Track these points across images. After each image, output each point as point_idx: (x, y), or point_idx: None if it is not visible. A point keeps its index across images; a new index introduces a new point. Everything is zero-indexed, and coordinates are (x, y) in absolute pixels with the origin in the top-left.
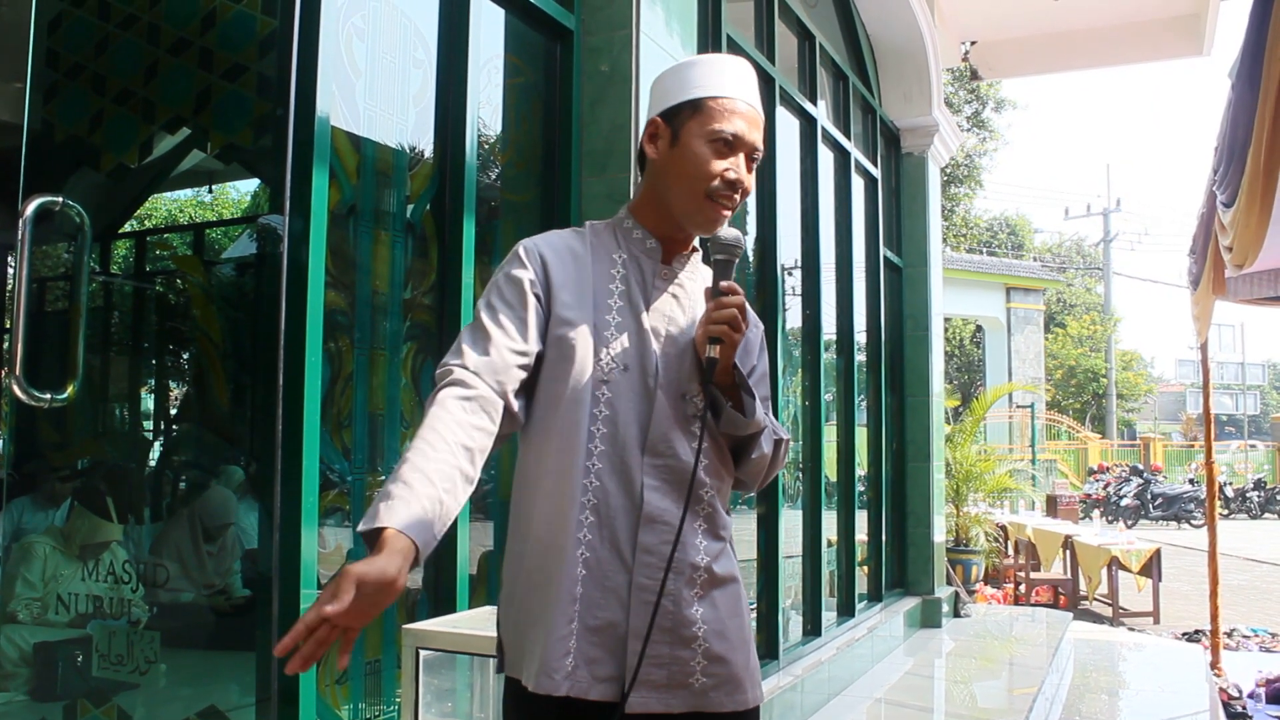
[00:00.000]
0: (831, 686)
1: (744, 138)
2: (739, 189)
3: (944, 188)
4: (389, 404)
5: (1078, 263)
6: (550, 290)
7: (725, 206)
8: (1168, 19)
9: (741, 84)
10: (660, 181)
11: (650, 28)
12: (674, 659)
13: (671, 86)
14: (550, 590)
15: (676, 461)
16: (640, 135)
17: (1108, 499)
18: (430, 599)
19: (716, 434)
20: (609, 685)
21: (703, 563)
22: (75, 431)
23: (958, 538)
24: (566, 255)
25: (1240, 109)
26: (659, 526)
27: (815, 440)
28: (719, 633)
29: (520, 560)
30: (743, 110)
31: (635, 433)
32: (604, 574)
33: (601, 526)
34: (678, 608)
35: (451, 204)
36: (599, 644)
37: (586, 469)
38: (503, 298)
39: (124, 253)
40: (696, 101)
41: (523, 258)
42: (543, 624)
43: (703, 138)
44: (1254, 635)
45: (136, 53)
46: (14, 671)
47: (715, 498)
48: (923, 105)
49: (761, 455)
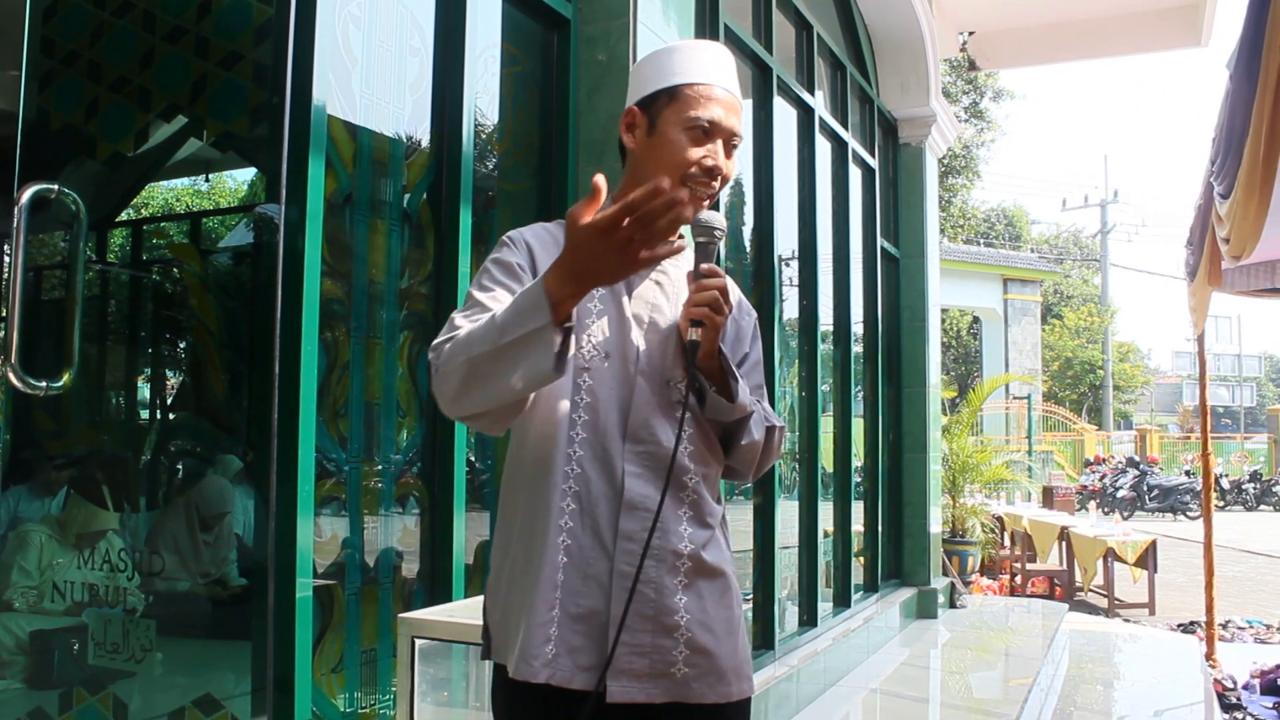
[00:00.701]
0: (827, 677)
1: (721, 124)
2: (717, 175)
3: (941, 178)
4: (385, 393)
5: (1075, 254)
6: (536, 275)
7: (703, 194)
8: (1166, 9)
9: (718, 70)
10: (639, 170)
11: (647, 17)
12: (655, 648)
13: (648, 75)
14: (531, 578)
15: (658, 448)
16: (619, 126)
17: (1104, 490)
18: (426, 588)
19: (702, 420)
20: (592, 674)
21: (686, 550)
22: (71, 420)
23: (954, 529)
24: (550, 244)
25: (1238, 100)
26: (640, 513)
27: (812, 431)
28: (703, 623)
29: (505, 548)
30: (720, 96)
31: (616, 419)
32: (585, 561)
33: (583, 514)
34: (660, 596)
35: (448, 193)
36: (582, 632)
37: (568, 456)
38: (494, 278)
39: (120, 241)
40: (673, 89)
41: (509, 244)
42: (524, 611)
43: (679, 125)
44: (1249, 627)
45: (132, 40)
46: (10, 659)
47: (701, 485)
48: (920, 96)
49: (752, 442)
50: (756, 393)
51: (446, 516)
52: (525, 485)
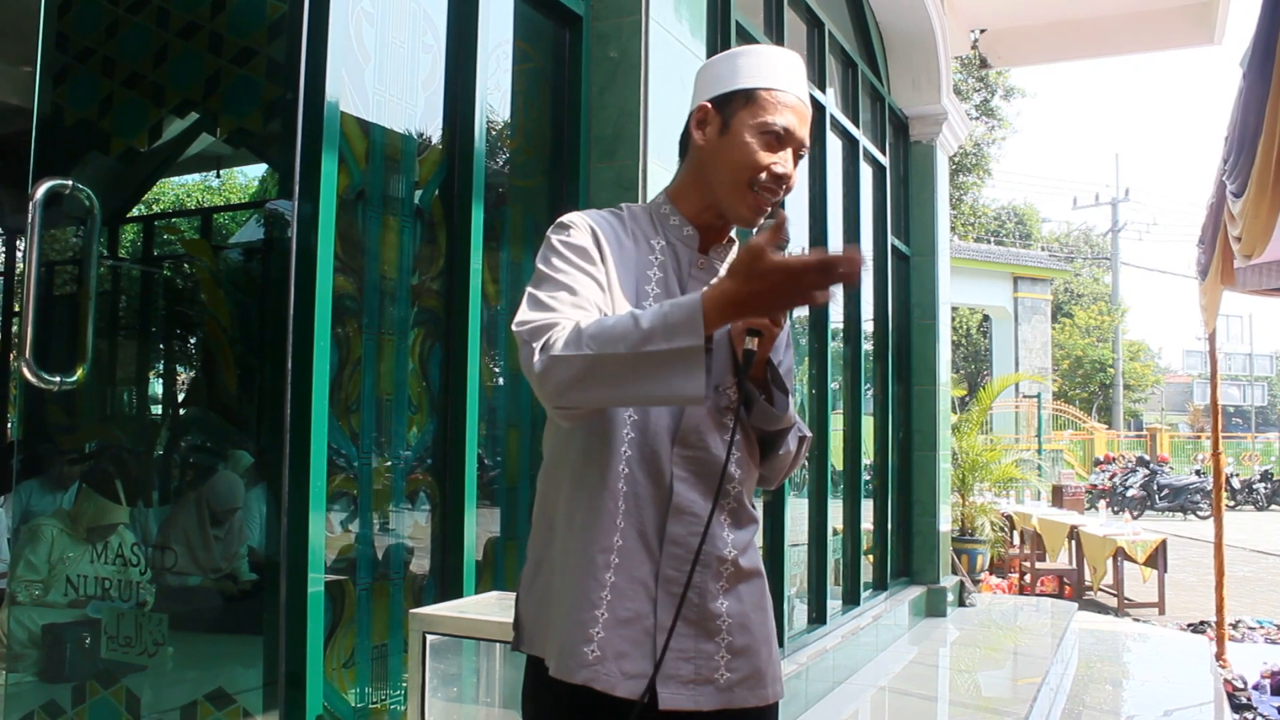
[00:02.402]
0: (836, 675)
1: (794, 132)
2: (784, 183)
3: (952, 176)
4: (397, 389)
5: (1085, 252)
6: (605, 262)
7: (768, 199)
8: (1179, 7)
9: (794, 78)
10: (706, 168)
11: (659, 14)
12: (699, 652)
13: (724, 73)
14: (575, 573)
15: (707, 454)
16: (688, 120)
17: (1114, 489)
18: (437, 584)
19: (748, 428)
20: (637, 682)
21: (730, 555)
22: (84, 414)
23: (963, 527)
24: (611, 234)
25: (1251, 99)
26: (687, 518)
27: (822, 429)
28: (742, 625)
29: (548, 544)
30: (794, 104)
31: (667, 424)
32: (632, 565)
33: (630, 515)
34: (703, 600)
35: (460, 189)
36: (628, 638)
37: (620, 456)
38: (569, 261)
39: (133, 237)
40: (749, 91)
41: (576, 226)
42: (565, 607)
43: (754, 128)
44: (1259, 627)
45: (146, 36)
46: (23, 653)
47: (741, 491)
48: (931, 93)
49: (787, 451)
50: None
51: (457, 512)
52: (572, 481)
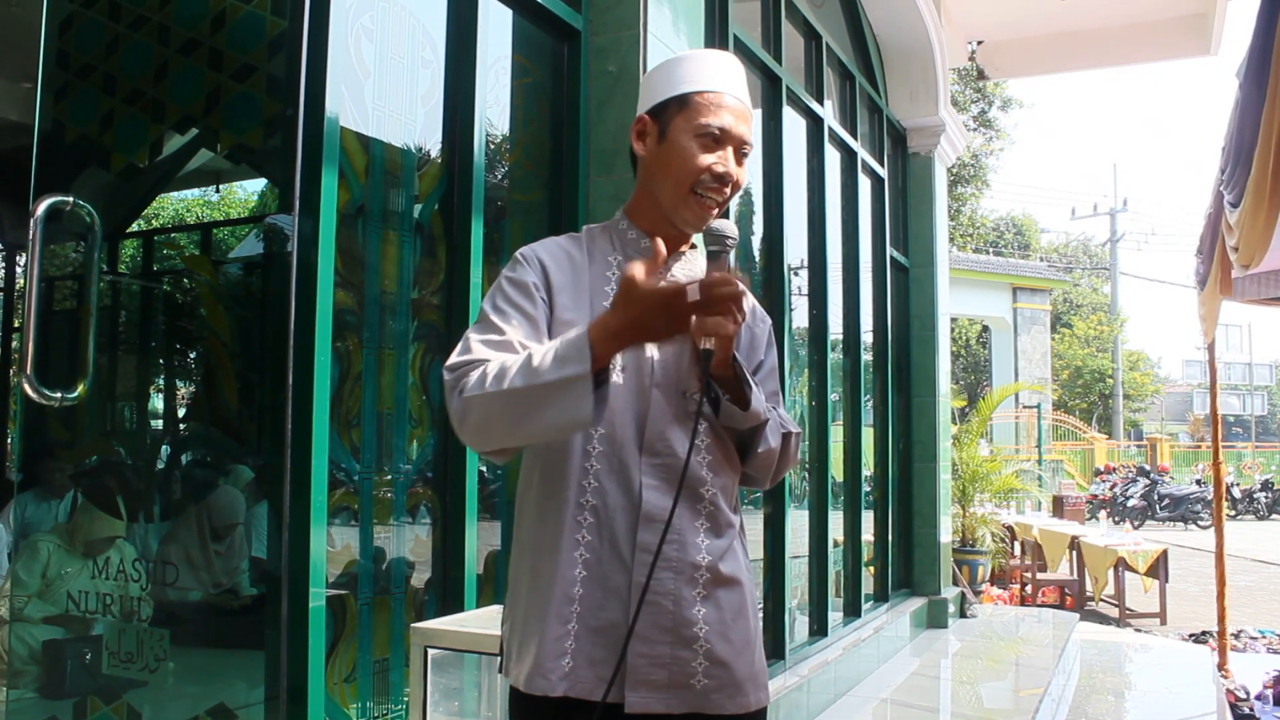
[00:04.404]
0: (838, 687)
1: (731, 131)
2: (728, 183)
3: (950, 187)
4: (397, 403)
5: (1084, 263)
6: (551, 293)
7: (713, 201)
8: (1175, 18)
9: (728, 78)
10: (651, 179)
11: (658, 28)
12: (674, 659)
13: (658, 83)
14: (543, 592)
15: (675, 460)
16: (630, 135)
17: (1114, 500)
18: (438, 598)
19: (719, 429)
20: (614, 687)
21: (704, 561)
22: (84, 430)
23: (964, 538)
24: (564, 260)
25: (1248, 109)
26: (657, 525)
27: (822, 440)
28: (722, 634)
29: (519, 563)
30: (730, 104)
31: (633, 433)
32: (604, 574)
33: (600, 527)
34: (678, 608)
35: (460, 204)
36: (603, 644)
37: (585, 469)
38: (508, 299)
39: (133, 252)
40: (683, 97)
41: (523, 262)
42: (538, 624)
43: (690, 132)
44: (1261, 637)
45: (147, 53)
46: (23, 669)
47: (718, 496)
48: (929, 105)
49: (769, 449)
50: (772, 399)
51: (458, 526)
52: (537, 500)
